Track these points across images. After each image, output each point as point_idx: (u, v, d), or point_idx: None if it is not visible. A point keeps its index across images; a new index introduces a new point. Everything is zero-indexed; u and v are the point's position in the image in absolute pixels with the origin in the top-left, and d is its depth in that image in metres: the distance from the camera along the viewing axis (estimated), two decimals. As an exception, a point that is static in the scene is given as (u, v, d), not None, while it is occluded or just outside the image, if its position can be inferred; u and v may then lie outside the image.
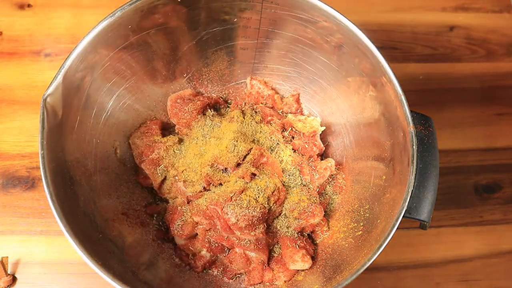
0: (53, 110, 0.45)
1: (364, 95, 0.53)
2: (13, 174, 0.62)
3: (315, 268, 0.53)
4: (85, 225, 0.47)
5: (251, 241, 0.53)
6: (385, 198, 0.50)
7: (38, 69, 0.68)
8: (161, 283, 0.51)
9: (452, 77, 0.73)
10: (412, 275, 0.61)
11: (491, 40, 0.76)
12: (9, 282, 0.57)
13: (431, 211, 0.47)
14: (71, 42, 0.70)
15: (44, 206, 0.61)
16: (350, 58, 0.52)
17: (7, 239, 0.59)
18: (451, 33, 0.76)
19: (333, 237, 0.55)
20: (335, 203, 0.58)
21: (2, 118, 0.65)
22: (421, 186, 0.47)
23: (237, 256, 0.54)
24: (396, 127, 0.49)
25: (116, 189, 0.55)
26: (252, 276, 0.54)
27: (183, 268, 0.55)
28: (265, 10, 0.53)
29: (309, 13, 0.51)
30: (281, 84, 0.63)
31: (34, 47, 0.69)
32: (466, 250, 0.63)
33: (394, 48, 0.74)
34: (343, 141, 0.60)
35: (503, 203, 0.66)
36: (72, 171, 0.48)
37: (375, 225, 0.49)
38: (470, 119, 0.71)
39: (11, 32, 0.70)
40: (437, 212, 0.64)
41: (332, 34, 0.52)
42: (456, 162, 0.68)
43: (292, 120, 0.60)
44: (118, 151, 0.56)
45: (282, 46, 0.57)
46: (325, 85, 0.59)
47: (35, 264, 0.58)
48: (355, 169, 0.58)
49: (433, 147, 0.49)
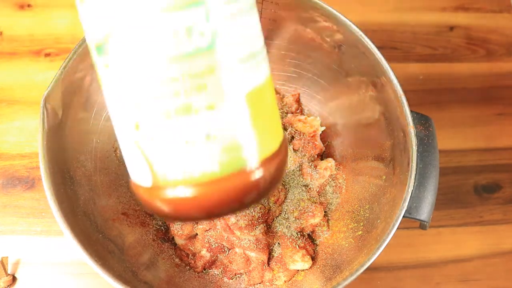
0: (53, 110, 0.45)
1: (364, 95, 0.54)
2: (13, 174, 0.62)
3: (315, 268, 0.53)
4: (85, 225, 0.47)
5: (251, 241, 0.53)
6: (385, 198, 0.50)
7: (38, 69, 0.68)
8: (161, 283, 0.51)
9: (452, 77, 0.73)
10: (412, 275, 0.61)
11: (491, 40, 0.76)
12: (9, 282, 0.57)
13: (431, 211, 0.47)
14: (71, 42, 0.70)
15: (44, 206, 0.61)
16: (350, 58, 0.52)
17: (7, 239, 0.59)
18: (451, 33, 0.76)
19: (333, 237, 0.55)
20: (335, 203, 0.58)
21: (2, 118, 0.65)
22: (421, 186, 0.47)
23: (237, 256, 0.54)
24: (396, 127, 0.49)
25: (116, 189, 0.55)
26: (252, 276, 0.54)
27: (183, 268, 0.55)
28: (265, 10, 0.53)
29: (309, 13, 0.51)
30: (281, 84, 0.63)
31: (34, 47, 0.69)
32: (466, 250, 0.63)
33: (394, 48, 0.74)
34: (343, 141, 0.60)
35: (503, 203, 0.66)
36: (72, 171, 0.48)
37: (375, 225, 0.49)
38: (470, 119, 0.71)
39: (11, 32, 0.70)
40: (437, 212, 0.64)
41: (332, 34, 0.52)
42: (456, 162, 0.68)
43: (292, 120, 0.60)
44: (118, 151, 0.56)
45: (282, 46, 0.57)
46: (325, 85, 0.59)
47: (35, 264, 0.58)
48: (355, 169, 0.58)
49: (433, 147, 0.49)
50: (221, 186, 0.30)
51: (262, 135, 0.31)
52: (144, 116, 0.29)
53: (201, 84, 0.29)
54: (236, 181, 0.31)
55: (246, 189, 0.31)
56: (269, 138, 0.32)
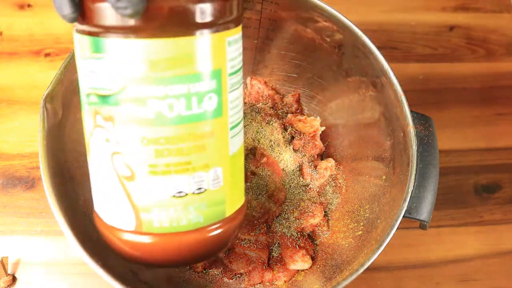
0: (53, 110, 0.45)
1: (364, 95, 0.54)
2: (13, 174, 0.62)
3: (315, 268, 0.53)
4: (85, 225, 0.47)
5: (251, 241, 0.53)
6: (385, 198, 0.50)
7: (38, 69, 0.68)
8: (161, 283, 0.51)
9: (452, 77, 0.73)
10: (412, 275, 0.61)
11: (491, 40, 0.76)
12: (9, 282, 0.57)
13: (431, 211, 0.47)
14: (71, 42, 0.68)
15: (44, 206, 0.61)
16: (350, 58, 0.52)
17: (7, 239, 0.59)
18: (451, 33, 0.76)
19: (333, 237, 0.55)
20: (335, 203, 0.58)
21: (2, 118, 0.65)
22: (421, 186, 0.47)
23: (237, 256, 0.54)
24: (396, 127, 0.49)
25: (116, 189, 0.55)
26: (252, 276, 0.54)
27: (183, 268, 0.55)
28: (265, 10, 0.53)
29: (309, 13, 0.51)
30: (281, 84, 0.63)
31: (34, 47, 0.69)
32: (466, 250, 0.63)
33: (394, 48, 0.74)
34: (343, 141, 0.60)
35: (503, 203, 0.66)
36: (72, 171, 0.48)
37: (375, 225, 0.49)
38: (470, 119, 0.71)
39: (11, 32, 0.70)
40: (437, 212, 0.64)
41: (332, 34, 0.52)
42: (456, 162, 0.68)
43: (292, 120, 0.60)
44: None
45: (282, 46, 0.57)
46: (325, 85, 0.59)
47: (35, 264, 0.58)
48: (355, 169, 0.58)
49: (433, 147, 0.49)
50: (202, 234, 0.34)
51: (236, 192, 0.36)
52: (142, 168, 0.32)
53: (204, 144, 0.32)
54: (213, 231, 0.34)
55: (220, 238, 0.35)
56: (239, 195, 0.37)
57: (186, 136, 0.31)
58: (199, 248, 0.34)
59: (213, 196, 0.34)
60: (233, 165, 0.35)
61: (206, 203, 0.33)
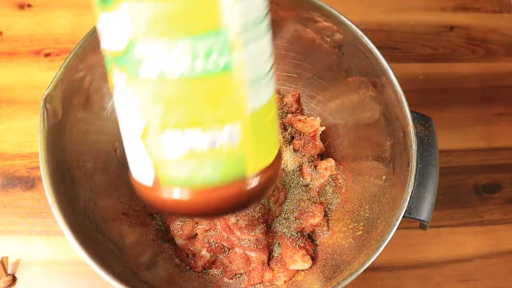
0: (53, 110, 0.45)
1: (364, 95, 0.54)
2: (13, 174, 0.62)
3: (315, 268, 0.53)
4: (85, 225, 0.47)
5: (251, 241, 0.53)
6: (385, 198, 0.50)
7: (38, 69, 0.68)
8: (161, 283, 0.51)
9: (452, 77, 0.73)
10: (412, 275, 0.61)
11: (491, 40, 0.76)
12: (9, 282, 0.57)
13: (431, 211, 0.47)
14: (71, 42, 0.70)
15: (44, 206, 0.61)
16: (350, 58, 0.52)
17: (7, 239, 0.59)
18: (451, 33, 0.76)
19: (333, 237, 0.55)
20: (335, 203, 0.58)
21: (2, 118, 0.65)
22: (421, 186, 0.47)
23: (237, 256, 0.54)
24: (396, 127, 0.49)
25: (116, 189, 0.55)
26: (252, 276, 0.54)
27: (183, 268, 0.55)
28: (265, 10, 0.53)
29: (309, 13, 0.51)
30: (281, 84, 0.63)
31: (34, 47, 0.69)
32: (466, 250, 0.63)
33: (394, 48, 0.74)
34: (343, 141, 0.60)
35: (503, 203, 0.66)
36: (72, 171, 0.48)
37: (375, 225, 0.49)
38: (470, 119, 0.71)
39: (11, 32, 0.70)
40: (437, 212, 0.64)
41: (332, 34, 0.52)
42: (456, 162, 0.68)
43: (292, 120, 0.60)
44: (118, 151, 0.56)
45: (282, 46, 0.57)
46: (325, 85, 0.59)
47: (35, 264, 0.58)
48: (355, 169, 0.58)
49: (433, 147, 0.49)
50: (218, 193, 0.33)
51: (261, 150, 0.34)
52: (157, 123, 0.31)
53: (213, 101, 0.31)
54: (232, 190, 0.33)
55: (241, 196, 0.34)
56: (266, 152, 0.35)
57: (196, 92, 0.30)
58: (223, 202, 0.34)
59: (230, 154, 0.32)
60: (255, 121, 0.33)
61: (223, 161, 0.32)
